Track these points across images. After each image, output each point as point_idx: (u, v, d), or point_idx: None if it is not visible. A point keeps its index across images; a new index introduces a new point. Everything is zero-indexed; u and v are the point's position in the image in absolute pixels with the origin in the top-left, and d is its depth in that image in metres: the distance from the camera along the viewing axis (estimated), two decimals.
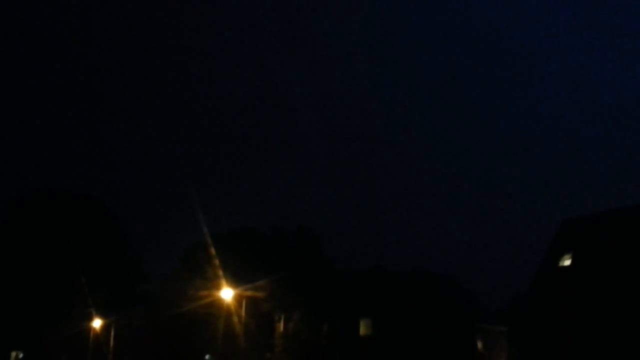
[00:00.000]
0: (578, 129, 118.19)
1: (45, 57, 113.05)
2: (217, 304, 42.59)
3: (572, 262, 31.07)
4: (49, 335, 48.43)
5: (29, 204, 53.31)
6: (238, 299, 41.07)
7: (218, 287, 41.62)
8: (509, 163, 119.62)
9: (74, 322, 48.34)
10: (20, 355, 53.07)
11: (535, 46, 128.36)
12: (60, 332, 48.32)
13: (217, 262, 44.11)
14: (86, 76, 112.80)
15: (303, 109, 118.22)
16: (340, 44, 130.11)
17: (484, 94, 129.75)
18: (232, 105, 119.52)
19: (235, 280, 41.94)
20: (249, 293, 42.38)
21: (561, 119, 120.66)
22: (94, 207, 54.73)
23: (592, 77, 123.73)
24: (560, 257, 32.01)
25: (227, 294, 40.42)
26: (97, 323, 49.48)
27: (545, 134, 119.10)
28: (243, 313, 41.84)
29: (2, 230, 52.86)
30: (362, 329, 43.78)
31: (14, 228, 52.50)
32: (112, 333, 49.07)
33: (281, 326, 46.44)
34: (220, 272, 42.95)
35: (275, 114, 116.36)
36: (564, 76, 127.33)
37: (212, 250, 44.81)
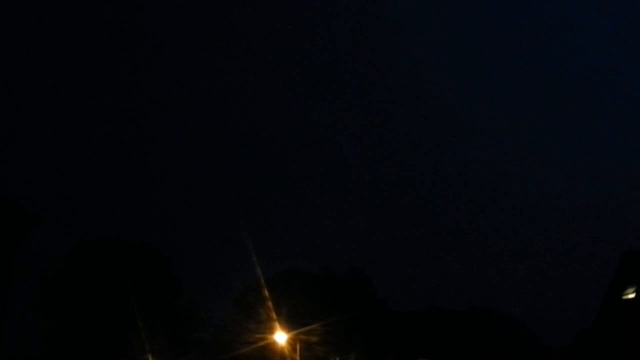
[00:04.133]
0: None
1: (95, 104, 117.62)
2: (272, 347, 42.33)
3: (637, 294, 29.75)
4: None
5: (88, 252, 54.73)
6: (292, 342, 40.71)
7: (272, 331, 41.42)
8: (568, 194, 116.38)
9: None
10: None
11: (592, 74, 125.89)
12: None
13: (270, 304, 44.04)
14: (135, 122, 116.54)
15: (347, 145, 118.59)
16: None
17: (534, 120, 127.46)
18: (279, 145, 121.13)
19: (289, 323, 41.69)
20: (302, 336, 41.98)
21: (624, 146, 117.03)
22: (149, 254, 55.74)
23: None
24: (623, 289, 30.75)
25: (280, 337, 40.17)
26: None
27: (604, 162, 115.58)
28: (297, 357, 41.38)
29: (63, 278, 54.27)
30: None
31: (74, 275, 53.84)
32: None
33: None
34: (274, 315, 42.84)
35: (323, 153, 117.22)
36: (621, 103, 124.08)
37: (266, 293, 44.80)
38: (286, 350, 40.69)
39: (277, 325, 41.87)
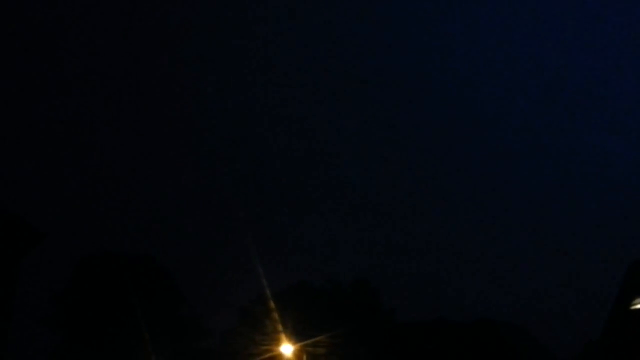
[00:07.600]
0: None
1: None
2: (278, 359, 42.21)
3: None
4: None
5: (94, 265, 54.82)
6: (298, 354, 40.66)
7: (278, 342, 41.38)
8: (574, 203, 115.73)
9: None
10: None
11: (592, 76, 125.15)
12: None
13: (276, 316, 44.02)
14: (136, 136, 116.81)
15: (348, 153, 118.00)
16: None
17: (542, 128, 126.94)
18: (281, 157, 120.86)
19: (295, 335, 41.65)
20: (309, 348, 41.93)
21: (629, 155, 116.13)
22: (151, 266, 55.81)
23: None
24: (631, 299, 30.54)
25: (287, 349, 40.14)
26: None
27: (609, 171, 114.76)
28: None
29: (69, 292, 54.36)
30: None
31: (80, 289, 53.91)
32: None
33: None
34: (280, 327, 42.83)
35: (323, 163, 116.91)
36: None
37: (272, 304, 44.77)
38: None
39: (283, 337, 41.87)
